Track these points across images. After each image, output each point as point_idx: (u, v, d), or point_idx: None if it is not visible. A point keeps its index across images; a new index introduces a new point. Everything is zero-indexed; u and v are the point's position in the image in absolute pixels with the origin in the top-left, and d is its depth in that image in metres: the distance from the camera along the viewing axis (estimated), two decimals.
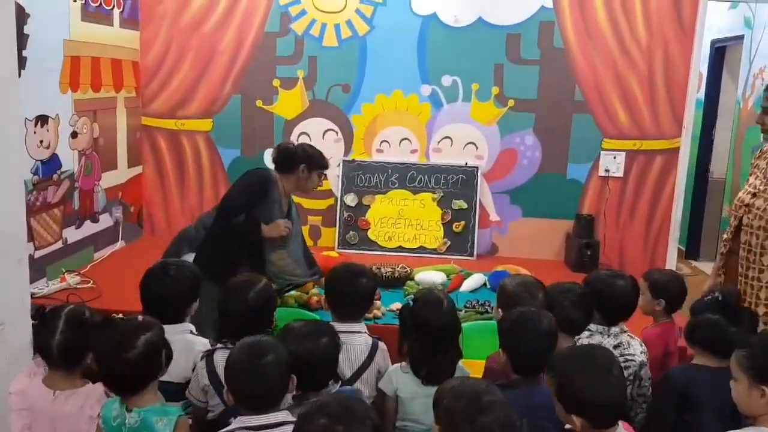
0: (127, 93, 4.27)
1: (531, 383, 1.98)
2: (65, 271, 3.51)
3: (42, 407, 1.97)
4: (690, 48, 4.11)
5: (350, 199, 4.39)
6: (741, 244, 2.79)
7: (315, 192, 4.17)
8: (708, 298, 2.58)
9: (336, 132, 4.43)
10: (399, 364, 2.21)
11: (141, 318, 1.94)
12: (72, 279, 3.46)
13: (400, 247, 4.32)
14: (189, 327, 2.30)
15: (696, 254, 6.32)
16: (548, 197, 4.36)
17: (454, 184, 4.36)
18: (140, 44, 4.39)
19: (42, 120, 3.38)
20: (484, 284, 3.63)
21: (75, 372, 2.01)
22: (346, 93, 4.38)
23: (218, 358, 2.09)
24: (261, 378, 1.75)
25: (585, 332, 2.36)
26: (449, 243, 4.33)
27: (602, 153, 4.28)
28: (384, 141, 4.43)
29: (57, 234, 3.58)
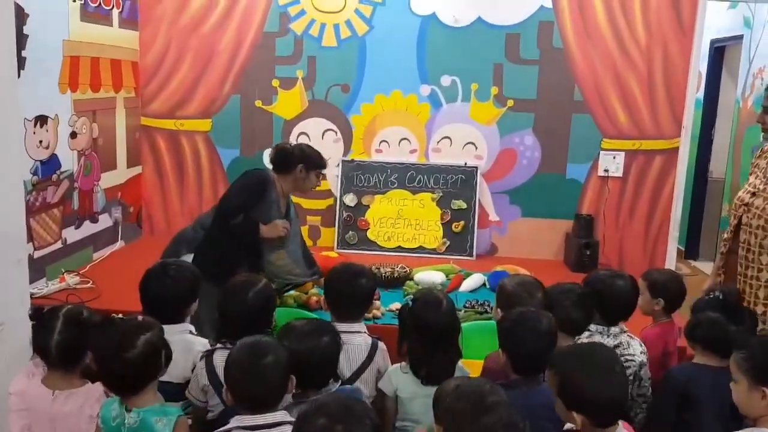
0: (127, 93, 4.26)
1: (531, 383, 1.98)
2: (65, 272, 3.50)
3: (41, 407, 1.97)
4: (689, 48, 4.11)
5: (349, 199, 4.38)
6: (740, 243, 2.79)
7: (314, 192, 4.18)
8: (709, 297, 2.58)
9: (335, 132, 4.43)
10: (399, 365, 2.21)
11: (141, 318, 1.95)
12: (71, 279, 3.46)
13: (400, 247, 4.32)
14: (188, 327, 2.30)
15: (695, 254, 6.33)
16: (548, 197, 4.35)
17: (454, 184, 4.36)
18: (139, 44, 4.39)
19: (41, 120, 3.37)
20: (484, 284, 3.62)
21: (74, 372, 2.01)
22: (346, 93, 4.38)
23: (218, 359, 2.09)
24: (260, 378, 1.75)
25: (585, 332, 2.36)
26: (448, 243, 4.32)
27: (601, 153, 4.28)
28: (383, 141, 4.43)
29: (56, 234, 3.57)
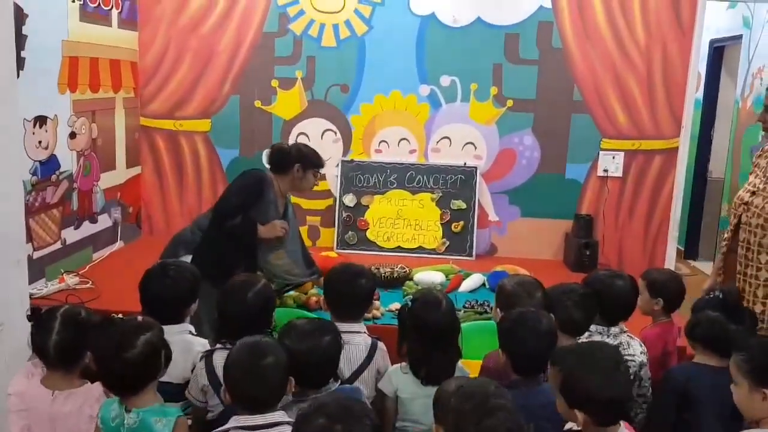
0: (126, 93, 4.26)
1: (531, 384, 1.98)
2: (64, 272, 3.50)
3: (41, 408, 1.97)
4: (689, 48, 4.11)
5: (349, 200, 4.38)
6: (740, 242, 2.79)
7: (313, 192, 4.20)
8: (709, 297, 2.58)
9: (335, 132, 4.43)
10: (399, 365, 2.21)
11: (140, 318, 1.95)
12: (71, 279, 3.45)
13: (399, 248, 4.32)
14: (188, 327, 2.30)
15: (695, 254, 6.33)
16: (547, 197, 4.35)
17: (453, 184, 4.36)
18: (139, 45, 4.38)
19: (40, 120, 3.37)
20: (483, 284, 3.62)
21: (73, 372, 2.01)
22: (345, 93, 4.37)
23: (217, 359, 2.08)
24: (260, 379, 1.75)
25: (584, 333, 2.36)
26: (448, 243, 4.32)
27: (601, 153, 4.28)
28: (383, 141, 4.42)
29: (56, 234, 3.57)
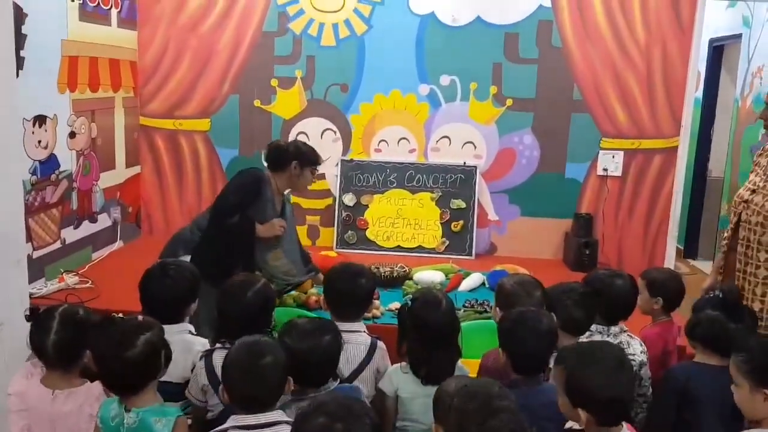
0: (125, 93, 4.26)
1: (531, 383, 1.98)
2: (63, 272, 3.50)
3: (41, 407, 1.97)
4: (688, 47, 4.11)
5: (348, 199, 4.38)
6: (739, 240, 2.79)
7: (313, 192, 4.20)
8: (709, 297, 2.58)
9: (334, 132, 4.43)
10: (399, 365, 2.21)
11: (141, 318, 1.94)
12: (70, 279, 3.45)
13: (399, 247, 4.32)
14: (188, 327, 2.29)
15: (694, 253, 6.33)
16: (547, 196, 4.35)
17: (453, 184, 4.36)
18: (138, 44, 4.38)
19: (40, 120, 3.37)
20: (483, 284, 3.62)
21: (72, 371, 2.01)
22: (344, 93, 4.37)
23: (217, 358, 2.08)
24: (258, 379, 1.75)
25: (586, 332, 2.35)
26: (448, 242, 4.32)
27: (601, 152, 4.28)
28: (382, 140, 4.42)
29: (55, 234, 3.57)
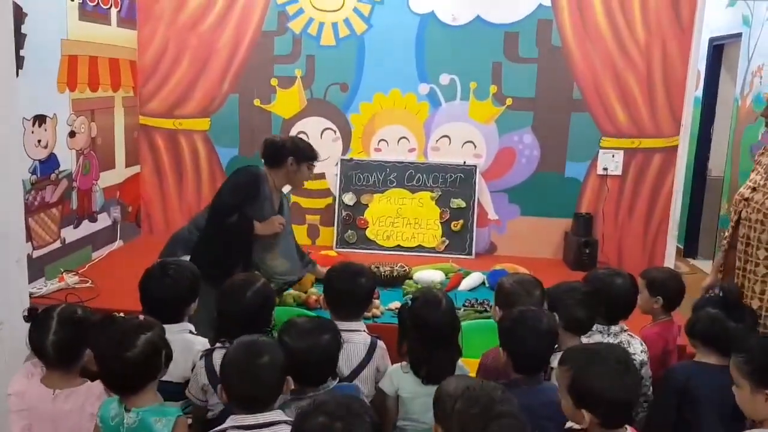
0: (125, 92, 4.26)
1: (531, 382, 1.98)
2: (63, 271, 3.50)
3: (42, 407, 1.97)
4: (688, 46, 4.10)
5: (348, 198, 4.38)
6: (740, 238, 2.79)
7: (313, 191, 4.20)
8: (709, 296, 2.58)
9: (334, 131, 4.42)
10: (399, 364, 2.21)
11: (141, 317, 1.94)
12: (70, 279, 3.45)
13: (399, 246, 4.32)
14: (188, 327, 2.29)
15: (694, 252, 6.33)
16: (547, 196, 4.35)
17: (453, 183, 4.35)
18: (138, 43, 4.38)
19: (40, 120, 3.37)
20: (483, 283, 3.62)
21: (73, 371, 2.01)
22: (344, 92, 4.37)
23: (217, 358, 2.08)
24: (256, 378, 1.75)
25: (588, 331, 2.35)
26: (448, 242, 4.32)
27: (600, 151, 4.28)
28: (382, 140, 4.42)
29: (55, 234, 3.57)
